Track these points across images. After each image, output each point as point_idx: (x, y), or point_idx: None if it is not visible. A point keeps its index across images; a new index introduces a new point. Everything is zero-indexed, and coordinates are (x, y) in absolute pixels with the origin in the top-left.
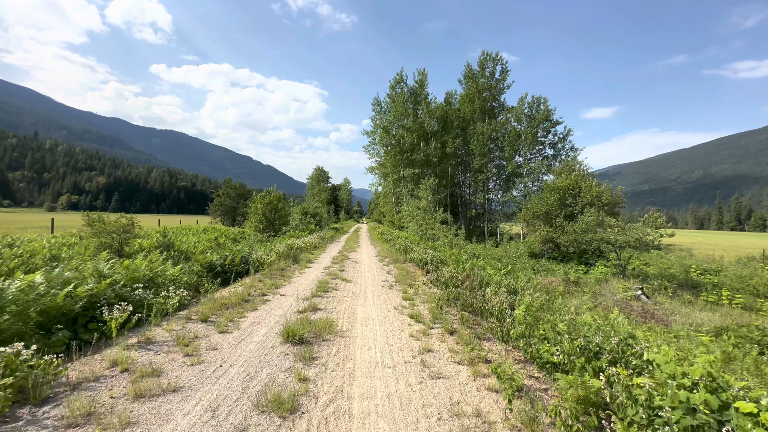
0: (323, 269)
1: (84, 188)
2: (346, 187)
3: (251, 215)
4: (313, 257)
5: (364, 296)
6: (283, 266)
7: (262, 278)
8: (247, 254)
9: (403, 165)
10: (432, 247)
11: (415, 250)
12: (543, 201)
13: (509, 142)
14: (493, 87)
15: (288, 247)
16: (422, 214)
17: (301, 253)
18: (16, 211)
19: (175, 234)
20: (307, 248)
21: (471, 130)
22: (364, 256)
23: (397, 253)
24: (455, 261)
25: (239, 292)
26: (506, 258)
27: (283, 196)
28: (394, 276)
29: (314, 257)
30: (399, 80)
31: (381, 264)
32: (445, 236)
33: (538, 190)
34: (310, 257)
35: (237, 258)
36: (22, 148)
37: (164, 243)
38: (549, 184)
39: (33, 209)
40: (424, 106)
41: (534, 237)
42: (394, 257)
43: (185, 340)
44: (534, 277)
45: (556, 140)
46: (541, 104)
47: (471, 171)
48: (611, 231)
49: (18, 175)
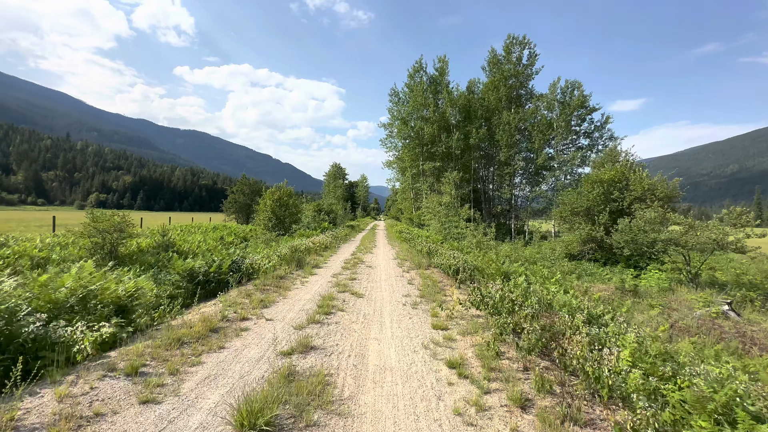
0: (331, 277)
1: (111, 187)
2: (363, 183)
3: (259, 212)
4: (322, 260)
5: (379, 321)
6: (282, 273)
7: (253, 290)
8: (240, 259)
9: (423, 158)
10: (458, 248)
11: (440, 253)
12: (583, 195)
13: (539, 132)
14: (520, 73)
15: (292, 249)
16: (445, 210)
17: (309, 256)
18: (48, 209)
19: (182, 233)
20: (316, 249)
21: (496, 120)
22: (381, 258)
23: (419, 255)
24: (496, 270)
25: (211, 314)
26: (541, 261)
27: (294, 192)
28: (417, 288)
29: (323, 261)
30: (418, 68)
31: (400, 269)
32: (472, 236)
33: (572, 183)
34: (318, 261)
35: (225, 264)
36: (55, 149)
37: (163, 243)
38: (590, 176)
39: (65, 207)
40: (446, 95)
41: (572, 236)
42: (415, 261)
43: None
44: (581, 285)
45: (592, 129)
46: (576, 89)
47: (495, 164)
48: (678, 230)
49: (51, 175)
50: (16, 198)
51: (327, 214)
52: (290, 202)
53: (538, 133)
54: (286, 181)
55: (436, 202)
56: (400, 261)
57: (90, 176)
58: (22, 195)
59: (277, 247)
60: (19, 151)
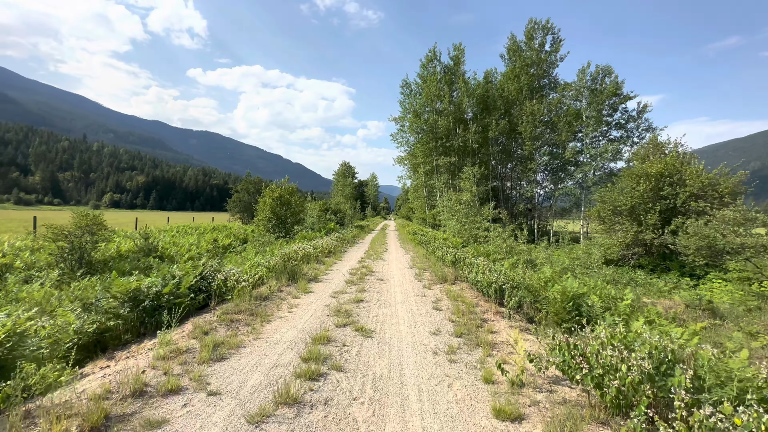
0: (330, 297)
1: (125, 187)
2: (373, 182)
3: (259, 212)
4: (322, 271)
5: (399, 394)
6: (267, 292)
7: (216, 323)
8: (211, 273)
9: (437, 153)
10: (484, 253)
11: (469, 264)
12: (627, 193)
13: (566, 123)
14: (543, 60)
15: (285, 258)
16: (465, 209)
17: (307, 265)
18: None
19: (176, 234)
20: (317, 256)
21: (517, 111)
22: (394, 267)
23: (439, 263)
24: (561, 295)
25: (115, 384)
26: (579, 268)
27: (297, 190)
28: (448, 317)
29: (323, 271)
30: (431, 58)
31: (420, 284)
32: (501, 239)
33: (603, 180)
34: (317, 271)
35: (186, 281)
36: (72, 151)
37: (145, 247)
38: (633, 170)
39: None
40: (462, 84)
41: (613, 238)
42: (437, 272)
43: None
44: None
45: (626, 119)
46: (607, 76)
47: (515, 159)
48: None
49: (68, 175)
50: (33, 198)
51: (334, 214)
52: (292, 200)
53: (565, 125)
54: (287, 178)
55: (454, 201)
56: (417, 271)
57: (105, 176)
58: (39, 195)
59: (272, 253)
60: (37, 153)
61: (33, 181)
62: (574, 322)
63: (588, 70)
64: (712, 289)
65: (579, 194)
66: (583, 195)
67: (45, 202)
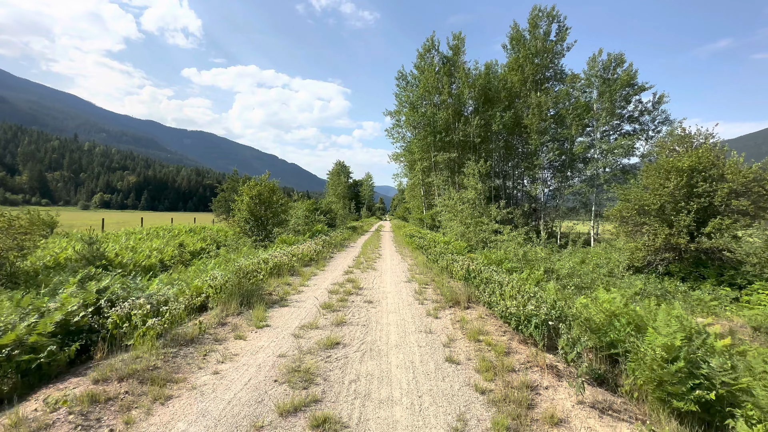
0: (289, 341)
1: (116, 187)
2: (368, 182)
3: (235, 212)
4: (295, 287)
5: None
6: (192, 333)
7: (73, 404)
8: (108, 299)
9: (436, 149)
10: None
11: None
12: (655, 190)
13: (576, 116)
14: (549, 50)
15: (239, 274)
16: (469, 209)
17: (279, 278)
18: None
19: (142, 238)
20: (292, 265)
21: (521, 104)
22: (388, 282)
23: (443, 274)
24: (658, 340)
25: None
26: (599, 277)
27: (278, 187)
28: (475, 386)
29: (296, 287)
30: (429, 47)
31: (422, 309)
32: (518, 245)
33: (618, 177)
34: (287, 289)
35: (47, 321)
36: (62, 150)
37: (88, 254)
38: (660, 164)
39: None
40: (462, 74)
41: (639, 242)
42: (444, 290)
43: None
44: None
45: (640, 110)
46: (619, 65)
47: (519, 156)
48: None
49: (57, 175)
50: (20, 198)
51: (324, 215)
52: (273, 199)
53: (575, 118)
54: (268, 173)
55: (456, 199)
56: (418, 287)
57: (95, 176)
58: (27, 195)
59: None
60: (25, 152)
61: (20, 180)
62: (695, 402)
63: (599, 58)
64: (760, 301)
65: (589, 192)
66: (593, 193)
67: (32, 203)
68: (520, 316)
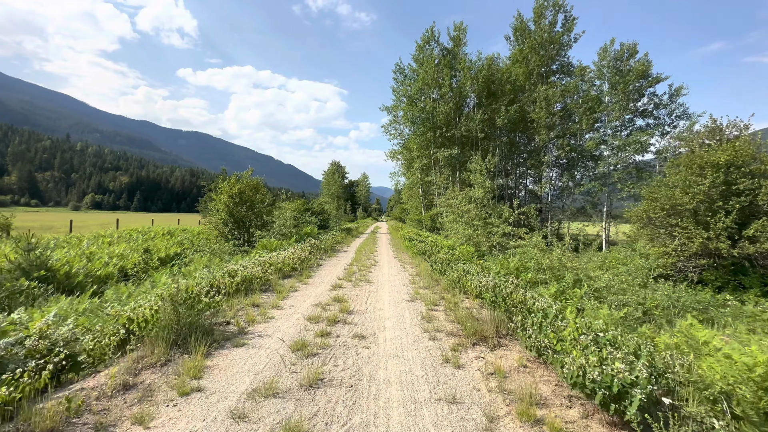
0: (220, 429)
1: (108, 187)
2: (364, 182)
3: (212, 212)
4: (263, 313)
5: None
6: (63, 411)
7: None
8: None
9: (436, 145)
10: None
11: (532, 314)
12: (687, 188)
13: (586, 110)
14: (555, 40)
15: (176, 299)
16: (476, 210)
17: (245, 298)
18: (39, 210)
19: (109, 242)
20: (267, 278)
21: (526, 98)
22: (386, 302)
23: (455, 289)
24: None
25: None
26: (619, 285)
27: (262, 184)
28: None
29: (265, 313)
30: (428, 38)
31: (435, 349)
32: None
33: (633, 175)
34: (252, 313)
35: None
36: (54, 150)
37: (25, 263)
38: (693, 158)
39: (59, 208)
40: (463, 66)
41: (669, 246)
42: (461, 317)
43: None
44: None
45: (655, 104)
46: (632, 56)
47: (523, 153)
48: None
49: (47, 175)
50: (8, 199)
51: (316, 215)
52: (256, 198)
53: (585, 111)
54: (251, 169)
55: (461, 198)
56: (425, 310)
57: (87, 177)
58: (15, 196)
59: (190, 275)
60: (15, 152)
61: (9, 181)
62: None
63: (611, 48)
64: None
65: (601, 192)
66: (605, 193)
67: (21, 203)
68: (608, 386)
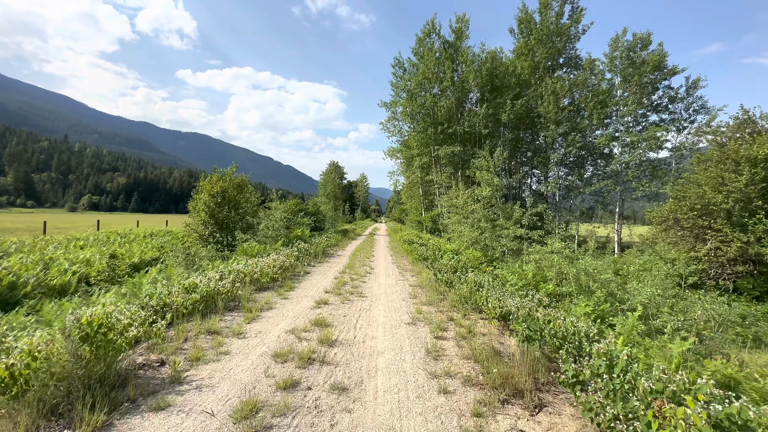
0: None
1: (105, 188)
2: (363, 183)
3: (192, 213)
4: (217, 345)
5: None
6: None
7: None
8: None
9: (437, 142)
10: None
11: (599, 362)
12: (715, 186)
13: (598, 104)
14: (562, 32)
15: (79, 336)
16: (482, 210)
17: (202, 322)
18: (34, 211)
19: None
20: (234, 294)
21: (532, 93)
22: (381, 325)
23: (467, 306)
24: None
25: None
26: (667, 299)
27: (247, 182)
28: None
29: (221, 344)
30: (429, 31)
31: (452, 414)
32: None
33: (648, 173)
34: (202, 348)
35: None
36: (52, 151)
37: None
38: (727, 152)
39: (55, 210)
40: (466, 59)
41: (699, 251)
42: (483, 358)
43: None
44: None
45: (671, 97)
46: (644, 48)
47: (525, 151)
48: None
49: (44, 176)
50: (4, 200)
51: (310, 216)
52: (240, 198)
53: (596, 105)
54: (235, 166)
55: (466, 198)
56: (432, 340)
57: (84, 178)
58: (11, 197)
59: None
60: (12, 153)
61: (5, 182)
62: None
63: (623, 38)
64: None
65: (614, 191)
66: (618, 192)
67: (17, 204)
68: None
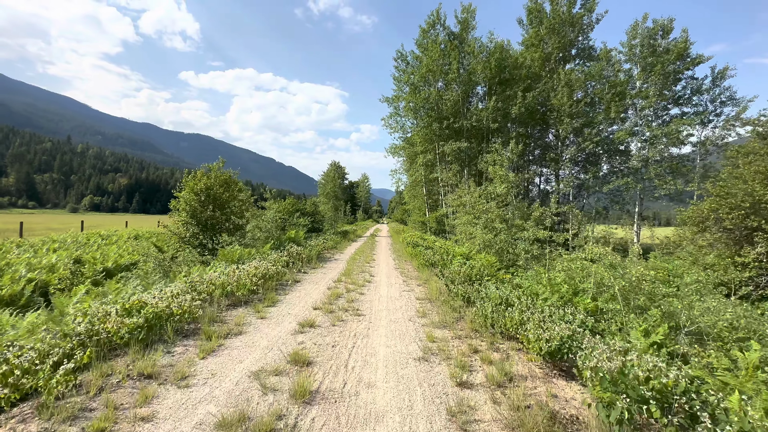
0: None
1: (107, 189)
2: (364, 183)
3: (172, 213)
4: (145, 396)
5: None
6: None
7: None
8: None
9: (443, 137)
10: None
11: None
12: (763, 182)
13: (616, 95)
14: (575, 21)
15: None
16: (496, 209)
17: (143, 357)
18: (34, 212)
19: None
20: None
21: (543, 86)
22: (381, 360)
23: (493, 331)
24: None
25: None
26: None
27: (235, 180)
28: None
29: (150, 395)
30: (433, 22)
31: None
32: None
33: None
34: (122, 407)
35: None
36: (55, 152)
37: None
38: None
39: (57, 210)
40: (473, 49)
41: (746, 256)
42: (530, 422)
43: None
44: None
45: (694, 89)
46: (664, 36)
47: (535, 149)
48: None
49: (46, 177)
50: (5, 201)
51: (308, 216)
52: (226, 196)
53: (614, 97)
54: (222, 161)
55: (477, 196)
56: (453, 391)
57: (86, 178)
58: (13, 198)
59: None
60: (14, 154)
61: (7, 182)
62: None
63: (643, 25)
64: None
65: (634, 189)
66: (638, 191)
67: (19, 205)
68: None
